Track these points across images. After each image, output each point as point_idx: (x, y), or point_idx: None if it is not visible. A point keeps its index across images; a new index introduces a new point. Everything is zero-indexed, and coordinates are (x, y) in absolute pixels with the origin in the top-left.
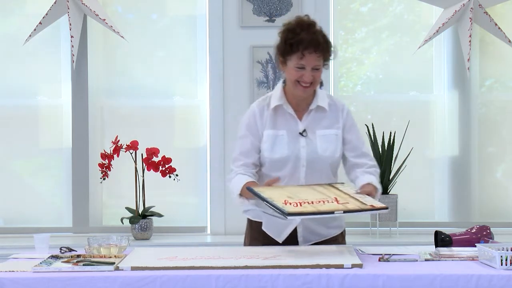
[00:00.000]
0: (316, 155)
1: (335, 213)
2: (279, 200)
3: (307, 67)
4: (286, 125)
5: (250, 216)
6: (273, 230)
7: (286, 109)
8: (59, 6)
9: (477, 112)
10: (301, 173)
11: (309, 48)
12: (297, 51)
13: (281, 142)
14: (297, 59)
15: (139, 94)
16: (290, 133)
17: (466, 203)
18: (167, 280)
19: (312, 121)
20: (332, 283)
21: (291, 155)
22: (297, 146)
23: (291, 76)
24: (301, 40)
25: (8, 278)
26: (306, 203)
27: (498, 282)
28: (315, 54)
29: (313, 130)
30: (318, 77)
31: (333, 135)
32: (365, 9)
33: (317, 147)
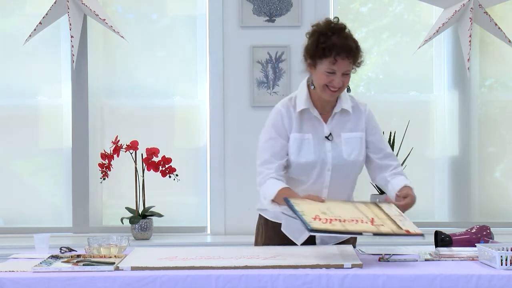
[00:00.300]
0: (341, 159)
1: (363, 234)
2: (309, 215)
3: (338, 72)
4: (312, 129)
5: (268, 216)
6: (292, 232)
7: (312, 113)
8: (59, 6)
9: (477, 112)
10: (326, 177)
11: (341, 54)
12: (330, 56)
13: (308, 146)
14: (329, 64)
15: (139, 94)
16: (316, 137)
17: (466, 203)
18: (167, 280)
19: (337, 124)
20: (332, 283)
21: (317, 160)
22: (323, 150)
23: (321, 80)
24: (334, 44)
25: (8, 278)
26: (337, 220)
27: (498, 282)
28: (347, 60)
29: (338, 134)
30: (346, 82)
31: (358, 138)
32: (365, 9)
33: (342, 152)
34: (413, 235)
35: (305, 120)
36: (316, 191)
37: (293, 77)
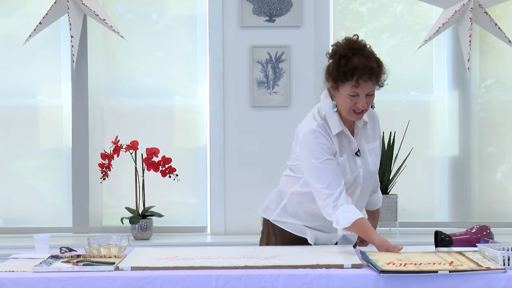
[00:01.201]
0: (370, 172)
1: (438, 272)
2: (383, 261)
3: (361, 94)
4: (346, 149)
5: (291, 230)
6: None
7: (345, 133)
8: (59, 6)
9: (477, 112)
10: (356, 192)
11: (363, 76)
12: (352, 80)
13: (346, 168)
14: (351, 88)
15: (139, 94)
16: (349, 155)
17: (466, 203)
18: (167, 280)
19: (361, 137)
20: (332, 283)
21: (354, 179)
22: (356, 168)
23: (345, 104)
24: (355, 67)
25: (8, 278)
26: (412, 264)
27: (499, 282)
28: (370, 82)
29: (362, 146)
30: (371, 102)
31: (377, 147)
32: (365, 9)
33: (369, 164)
34: (495, 269)
35: (341, 141)
36: None
37: (293, 77)
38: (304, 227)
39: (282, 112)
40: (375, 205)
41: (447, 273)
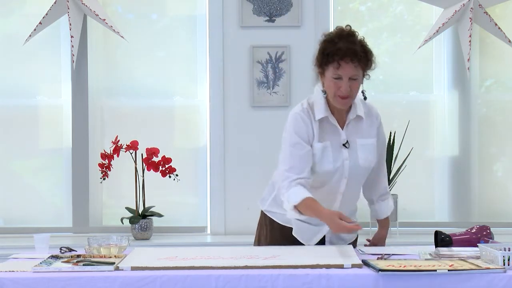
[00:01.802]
0: (357, 167)
1: (437, 271)
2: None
3: (344, 77)
4: (330, 137)
5: (278, 220)
6: (304, 236)
7: (331, 121)
8: (59, 6)
9: (477, 112)
10: (342, 184)
11: (345, 58)
12: (333, 61)
13: (327, 155)
14: (334, 69)
15: (139, 94)
16: (334, 144)
17: (466, 203)
18: (167, 280)
19: (353, 131)
20: (332, 283)
21: (336, 169)
22: (341, 158)
23: (330, 88)
24: (338, 49)
25: (8, 278)
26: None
27: (499, 282)
28: (352, 64)
29: (353, 140)
30: (355, 88)
31: (372, 144)
32: (365, 8)
33: (358, 158)
34: (494, 269)
35: (324, 128)
36: (330, 197)
37: (293, 77)
38: (290, 219)
39: (282, 112)
40: (383, 213)
41: (446, 272)
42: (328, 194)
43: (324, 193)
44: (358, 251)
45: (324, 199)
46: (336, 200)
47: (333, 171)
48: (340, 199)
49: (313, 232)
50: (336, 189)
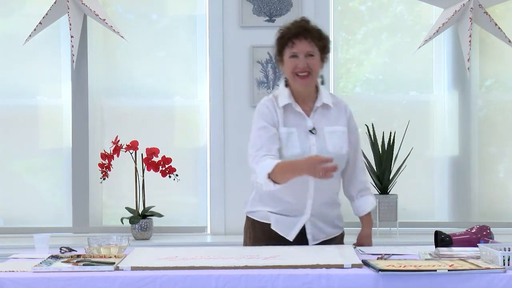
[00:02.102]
0: (326, 151)
1: (437, 271)
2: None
3: (299, 54)
4: (296, 123)
5: (257, 218)
6: (283, 229)
7: (294, 107)
8: (59, 6)
9: (477, 112)
10: None
11: (298, 36)
12: (288, 42)
13: (293, 140)
14: (289, 49)
15: (139, 94)
16: (300, 130)
17: (466, 203)
18: (167, 280)
19: (320, 118)
20: (332, 283)
21: (302, 153)
22: (308, 144)
23: (288, 68)
24: (289, 30)
25: (8, 278)
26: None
27: (499, 282)
28: (305, 41)
29: (321, 127)
30: (313, 65)
31: (340, 131)
32: (365, 8)
33: (326, 144)
34: (494, 269)
35: (289, 115)
36: (301, 186)
37: None
38: (268, 213)
39: None
40: (362, 210)
41: (446, 272)
42: (300, 183)
43: (296, 181)
44: (358, 251)
45: (296, 188)
46: (309, 188)
47: (301, 155)
48: (313, 187)
49: (291, 223)
50: (306, 177)
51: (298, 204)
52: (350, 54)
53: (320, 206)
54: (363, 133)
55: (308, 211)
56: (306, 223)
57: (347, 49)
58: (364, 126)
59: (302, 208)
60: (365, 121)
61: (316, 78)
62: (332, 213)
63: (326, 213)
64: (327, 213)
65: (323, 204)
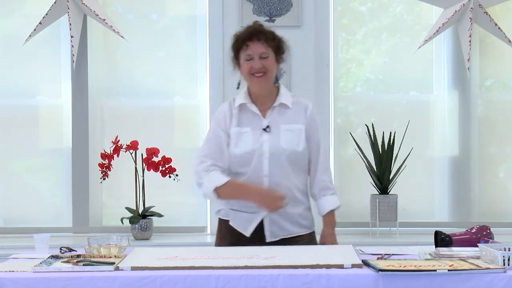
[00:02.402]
0: (279, 147)
1: (437, 271)
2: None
3: (254, 56)
4: (250, 123)
5: (221, 215)
6: (240, 224)
7: (249, 107)
8: (59, 6)
9: (477, 112)
10: (264, 166)
11: (252, 38)
12: (243, 45)
13: (246, 139)
14: (244, 52)
15: (139, 94)
16: (254, 130)
17: (466, 203)
18: (167, 280)
19: (276, 117)
20: (332, 283)
21: (255, 149)
22: (260, 141)
23: (244, 70)
24: (243, 34)
25: (8, 278)
26: (412, 266)
27: (499, 282)
28: (259, 42)
29: (277, 126)
30: (268, 66)
31: (297, 129)
32: (365, 9)
33: (280, 140)
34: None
35: (244, 115)
36: (256, 181)
37: (293, 77)
38: (229, 210)
39: None
40: (323, 208)
41: (446, 272)
42: (255, 180)
43: (250, 178)
44: (358, 251)
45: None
46: (263, 184)
47: (251, 152)
48: (267, 183)
49: (248, 219)
50: (260, 172)
51: None
52: (350, 54)
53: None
54: (363, 133)
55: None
56: (264, 219)
57: (347, 49)
58: (364, 126)
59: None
60: (365, 121)
61: (271, 78)
62: (294, 211)
63: (286, 210)
64: (287, 210)
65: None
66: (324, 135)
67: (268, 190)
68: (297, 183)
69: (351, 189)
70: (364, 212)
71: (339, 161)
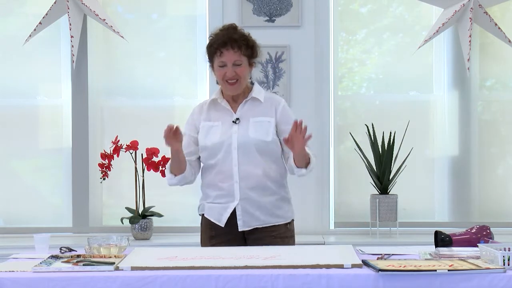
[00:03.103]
0: (247, 138)
1: (437, 271)
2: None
3: (228, 63)
4: (221, 117)
5: (200, 211)
6: (214, 216)
7: (220, 103)
8: (59, 6)
9: (477, 112)
10: (233, 155)
11: (226, 45)
12: (216, 51)
13: (215, 131)
14: (218, 58)
15: (139, 94)
16: (224, 123)
17: (466, 203)
18: (167, 280)
19: (247, 110)
20: (332, 283)
21: (223, 141)
22: (229, 132)
23: (218, 76)
24: (218, 39)
25: (8, 278)
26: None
27: (499, 282)
28: (232, 50)
29: (247, 118)
30: (241, 73)
31: (266, 121)
32: (365, 10)
33: (248, 131)
34: (494, 269)
35: (215, 110)
36: (227, 170)
37: (293, 77)
38: (205, 203)
39: None
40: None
41: (446, 272)
42: (226, 169)
43: (221, 169)
44: (358, 251)
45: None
46: (234, 174)
47: (220, 143)
48: (237, 172)
49: (222, 209)
50: (230, 161)
51: (229, 189)
52: (351, 54)
53: (249, 191)
54: (363, 133)
55: (237, 196)
56: (237, 208)
57: (348, 49)
58: (364, 126)
59: (231, 194)
60: (365, 121)
61: (244, 83)
62: (266, 200)
63: (258, 199)
64: (259, 199)
65: (252, 189)
66: (324, 135)
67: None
68: (268, 172)
69: (351, 189)
70: (364, 212)
71: (339, 161)
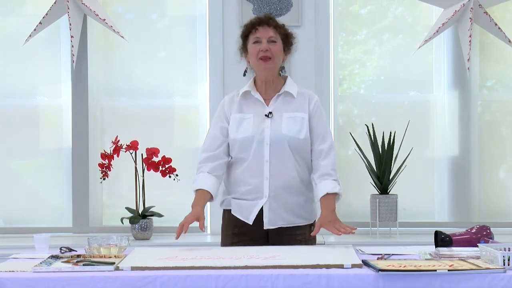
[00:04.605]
0: (280, 134)
1: (437, 271)
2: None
3: (262, 39)
4: (253, 110)
5: (224, 206)
6: (242, 213)
7: (253, 95)
8: (59, 6)
9: (477, 112)
10: (265, 151)
11: (261, 23)
12: (252, 29)
13: (247, 124)
14: (253, 35)
15: (139, 94)
16: (257, 116)
17: (466, 203)
18: (167, 280)
19: (280, 105)
20: (332, 283)
21: (255, 134)
22: (262, 126)
23: (252, 54)
24: (253, 20)
25: (8, 278)
26: (412, 266)
27: (499, 282)
28: (268, 27)
29: (280, 113)
30: (275, 51)
31: (299, 117)
32: (365, 11)
33: (281, 127)
34: (494, 269)
35: (247, 102)
36: (257, 166)
37: (293, 77)
38: (231, 199)
39: None
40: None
41: (446, 272)
42: (255, 164)
43: (251, 163)
44: (358, 251)
45: (253, 171)
46: (264, 170)
47: (251, 137)
48: (268, 169)
49: (250, 206)
50: (261, 157)
51: (258, 186)
52: (351, 54)
53: (278, 189)
54: (363, 133)
55: (266, 193)
56: (264, 205)
57: (348, 49)
58: (364, 126)
59: (260, 190)
60: (365, 121)
61: (278, 64)
62: (293, 200)
63: (286, 198)
64: (287, 198)
65: (282, 187)
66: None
67: (188, 219)
68: (299, 172)
69: (351, 189)
70: (364, 212)
71: (339, 161)
